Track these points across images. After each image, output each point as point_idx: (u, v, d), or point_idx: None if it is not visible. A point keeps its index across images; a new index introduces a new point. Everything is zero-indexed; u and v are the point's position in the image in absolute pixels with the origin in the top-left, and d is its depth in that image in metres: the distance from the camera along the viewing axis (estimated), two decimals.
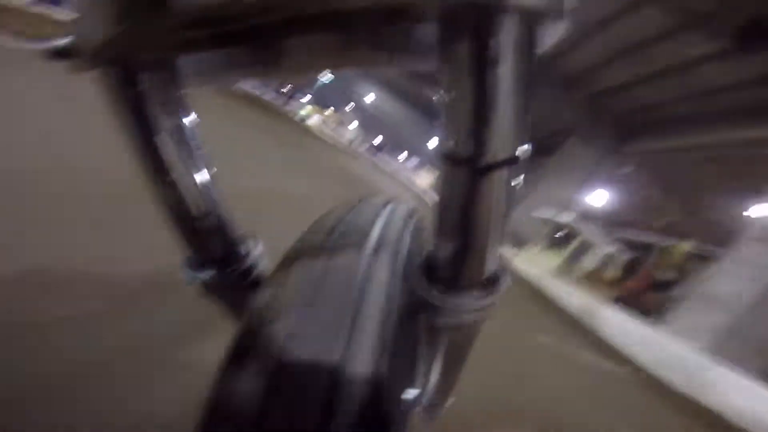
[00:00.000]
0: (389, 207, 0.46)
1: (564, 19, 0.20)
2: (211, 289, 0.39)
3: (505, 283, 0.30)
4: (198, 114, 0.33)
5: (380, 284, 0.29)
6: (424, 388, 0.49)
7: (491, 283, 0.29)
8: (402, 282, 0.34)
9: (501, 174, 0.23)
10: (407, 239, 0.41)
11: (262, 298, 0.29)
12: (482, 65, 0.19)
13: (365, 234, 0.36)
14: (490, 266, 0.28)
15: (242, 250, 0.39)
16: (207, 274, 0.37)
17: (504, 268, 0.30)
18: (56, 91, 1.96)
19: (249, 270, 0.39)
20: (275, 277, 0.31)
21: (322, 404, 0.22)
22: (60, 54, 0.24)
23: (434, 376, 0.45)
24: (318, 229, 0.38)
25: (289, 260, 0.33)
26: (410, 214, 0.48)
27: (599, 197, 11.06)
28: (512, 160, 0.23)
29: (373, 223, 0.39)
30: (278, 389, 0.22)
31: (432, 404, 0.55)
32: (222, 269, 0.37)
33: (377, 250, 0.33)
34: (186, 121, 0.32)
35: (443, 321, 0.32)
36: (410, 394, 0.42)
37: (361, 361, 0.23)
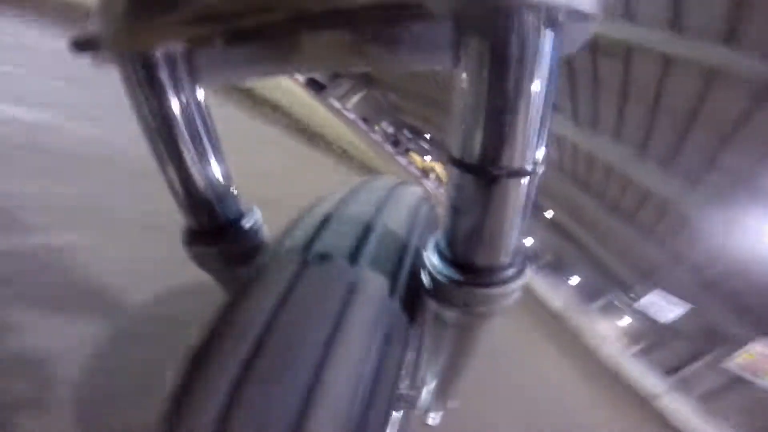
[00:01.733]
0: (394, 192, 0.44)
1: (591, 20, 0.18)
2: (206, 261, 0.39)
3: (524, 273, 0.27)
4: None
5: (370, 298, 0.28)
6: (422, 389, 0.49)
7: (507, 269, 0.26)
8: (404, 277, 0.33)
9: (512, 184, 0.22)
10: (414, 227, 0.40)
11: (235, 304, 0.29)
12: (498, 66, 0.18)
13: (362, 230, 0.34)
14: (507, 252, 0.26)
15: (240, 224, 0.38)
16: (202, 247, 0.37)
17: (523, 257, 0.27)
18: None
19: (244, 246, 0.38)
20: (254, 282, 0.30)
21: None
22: (82, 46, 0.24)
23: (435, 375, 0.44)
24: (311, 220, 0.37)
25: (273, 257, 0.33)
26: (419, 201, 0.46)
27: None
28: (526, 170, 0.22)
29: (373, 214, 0.37)
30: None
31: (431, 407, 0.55)
32: (217, 243, 0.37)
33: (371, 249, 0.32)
34: (203, 116, 0.32)
35: (450, 314, 0.30)
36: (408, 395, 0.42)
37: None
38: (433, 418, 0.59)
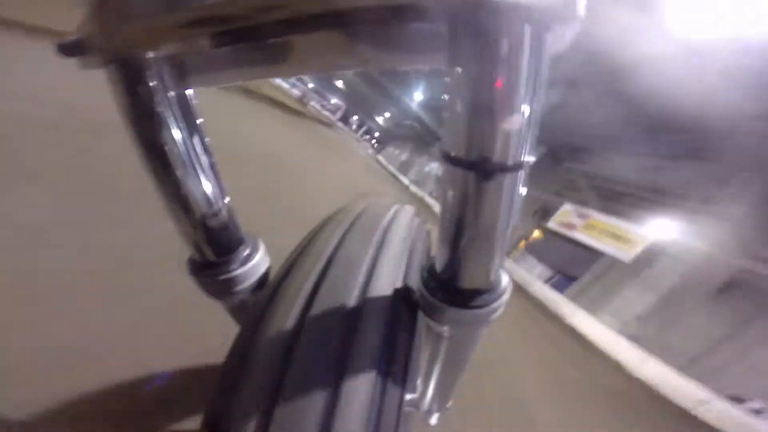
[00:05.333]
0: (393, 211, 0.47)
1: (577, 22, 0.19)
2: (211, 290, 0.39)
3: (506, 292, 0.29)
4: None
5: (379, 308, 0.31)
6: (422, 392, 0.49)
7: (492, 291, 0.29)
8: (405, 287, 0.35)
9: (505, 179, 0.22)
10: (411, 244, 0.42)
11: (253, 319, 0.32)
12: (490, 66, 0.19)
13: (367, 244, 0.37)
14: (492, 274, 0.28)
15: (242, 253, 0.39)
16: (206, 276, 0.37)
17: (505, 277, 0.30)
18: None
19: (247, 274, 0.39)
20: (270, 295, 0.34)
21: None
22: (70, 50, 0.24)
23: (433, 380, 0.45)
24: (319, 237, 0.40)
25: (286, 271, 0.36)
26: (412, 220, 0.49)
27: None
28: (518, 166, 0.22)
29: (376, 232, 0.40)
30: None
31: (430, 408, 0.55)
32: (220, 272, 0.37)
33: (378, 267, 0.35)
34: (192, 119, 0.32)
35: (443, 328, 0.32)
36: (408, 397, 0.43)
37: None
38: (434, 418, 0.59)
